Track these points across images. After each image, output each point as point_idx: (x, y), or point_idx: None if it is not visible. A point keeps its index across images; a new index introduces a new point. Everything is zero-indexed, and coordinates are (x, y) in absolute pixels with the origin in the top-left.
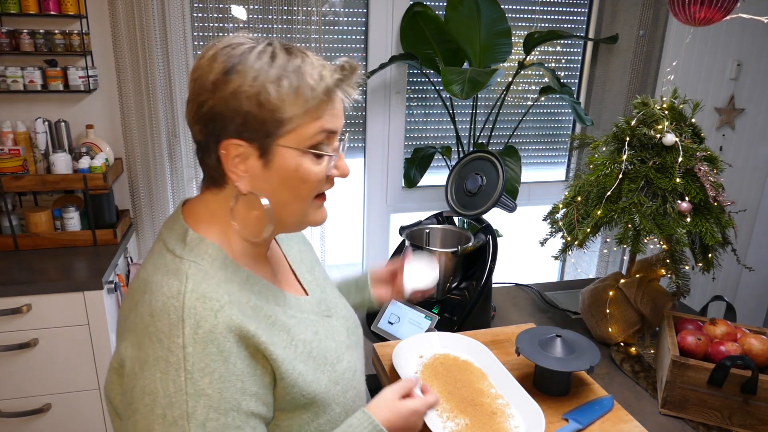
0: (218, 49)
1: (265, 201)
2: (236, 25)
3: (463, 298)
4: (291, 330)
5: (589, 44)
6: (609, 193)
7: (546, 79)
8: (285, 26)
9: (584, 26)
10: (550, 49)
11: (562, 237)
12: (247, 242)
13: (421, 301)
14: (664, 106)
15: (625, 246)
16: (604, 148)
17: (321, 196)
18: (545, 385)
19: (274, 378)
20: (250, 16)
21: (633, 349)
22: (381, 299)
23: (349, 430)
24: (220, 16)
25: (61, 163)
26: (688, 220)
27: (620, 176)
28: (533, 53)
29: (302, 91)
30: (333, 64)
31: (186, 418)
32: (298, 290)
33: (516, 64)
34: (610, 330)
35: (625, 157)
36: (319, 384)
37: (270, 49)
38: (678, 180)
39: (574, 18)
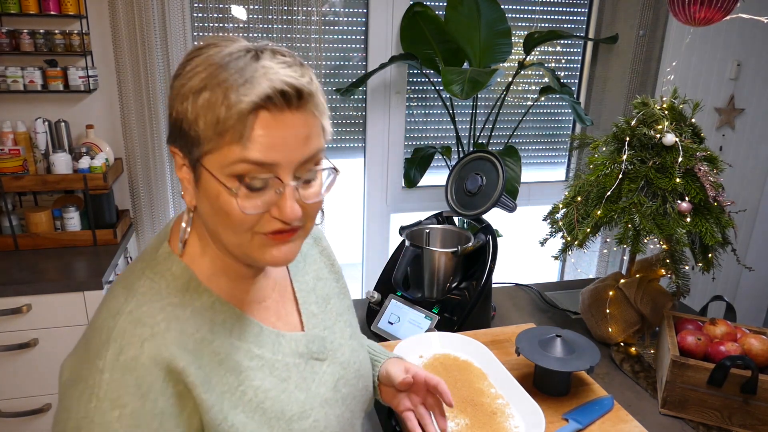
0: (197, 47)
1: (185, 219)
2: (236, 25)
3: (463, 298)
4: (243, 373)
5: (589, 44)
6: (609, 193)
7: (546, 79)
8: (285, 26)
9: (584, 26)
10: (550, 49)
11: (562, 237)
12: (229, 259)
13: (421, 302)
14: (664, 106)
15: (625, 246)
16: (604, 148)
17: (275, 234)
18: (545, 385)
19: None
20: (250, 16)
21: (633, 349)
22: (382, 396)
23: None
24: (220, 16)
25: (61, 163)
26: (688, 220)
27: (620, 176)
28: (533, 53)
29: (216, 107)
30: (285, 79)
31: None
32: (290, 324)
33: (516, 64)
34: (610, 330)
35: (625, 157)
36: None
37: (234, 54)
38: (678, 180)
39: (574, 18)
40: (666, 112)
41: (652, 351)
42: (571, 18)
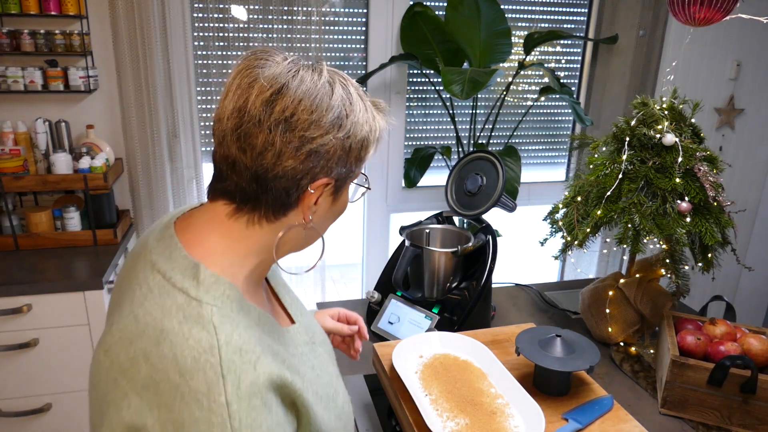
0: (299, 82)
1: (320, 235)
2: (236, 25)
3: (463, 298)
4: (299, 371)
5: (589, 44)
6: (609, 193)
7: (546, 79)
8: (285, 26)
9: (584, 26)
10: (550, 49)
11: (562, 237)
12: (256, 271)
13: (421, 302)
14: (664, 106)
15: (625, 246)
16: (604, 148)
17: None
18: (545, 385)
19: (296, 427)
20: (250, 16)
21: (633, 349)
22: None
23: None
24: (220, 16)
25: (62, 163)
26: (688, 220)
27: (620, 176)
28: (533, 53)
29: (377, 130)
30: (372, 105)
31: None
32: (284, 318)
33: (516, 64)
34: (610, 330)
35: (624, 157)
36: (329, 425)
37: (352, 89)
38: (678, 180)
39: (574, 18)
40: (666, 112)
41: (651, 351)
42: (571, 18)
